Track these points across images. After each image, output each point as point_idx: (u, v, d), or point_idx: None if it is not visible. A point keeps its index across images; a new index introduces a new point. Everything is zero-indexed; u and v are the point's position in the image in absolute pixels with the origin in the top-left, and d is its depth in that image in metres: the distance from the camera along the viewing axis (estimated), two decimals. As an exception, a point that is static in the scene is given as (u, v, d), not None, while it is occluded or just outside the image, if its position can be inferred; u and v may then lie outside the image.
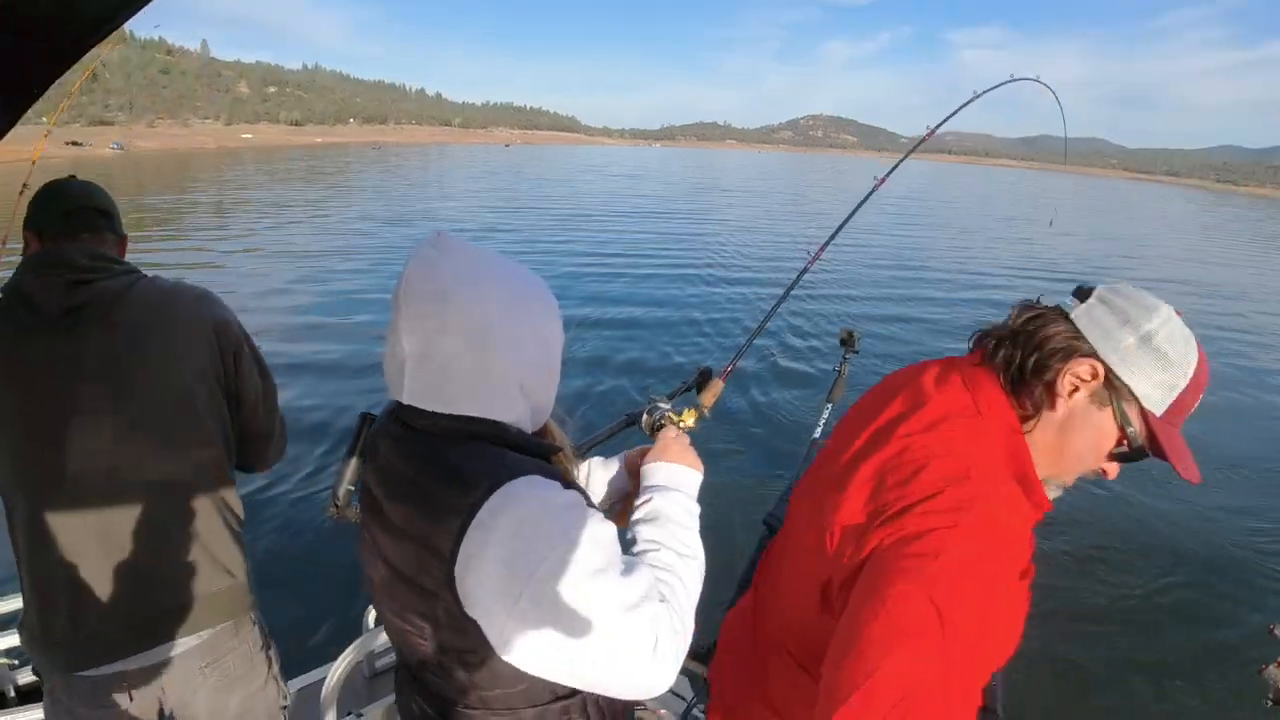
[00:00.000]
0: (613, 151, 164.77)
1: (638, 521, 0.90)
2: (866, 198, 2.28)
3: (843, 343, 2.17)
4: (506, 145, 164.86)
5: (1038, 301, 0.91)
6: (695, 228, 20.97)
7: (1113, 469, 0.88)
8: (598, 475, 1.14)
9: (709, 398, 1.23)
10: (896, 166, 2.32)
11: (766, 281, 12.63)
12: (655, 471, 0.96)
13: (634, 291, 11.44)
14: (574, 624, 0.74)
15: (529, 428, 0.87)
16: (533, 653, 0.75)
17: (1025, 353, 0.85)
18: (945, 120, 2.37)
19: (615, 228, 19.76)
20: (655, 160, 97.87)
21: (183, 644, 1.28)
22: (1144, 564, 4.46)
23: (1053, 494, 0.88)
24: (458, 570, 0.74)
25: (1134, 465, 0.87)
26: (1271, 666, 1.30)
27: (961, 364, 0.91)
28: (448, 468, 0.78)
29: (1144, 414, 0.82)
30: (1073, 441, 0.84)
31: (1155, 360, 0.81)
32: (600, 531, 0.78)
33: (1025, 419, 0.85)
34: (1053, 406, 0.84)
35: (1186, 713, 3.26)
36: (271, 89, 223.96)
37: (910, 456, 0.81)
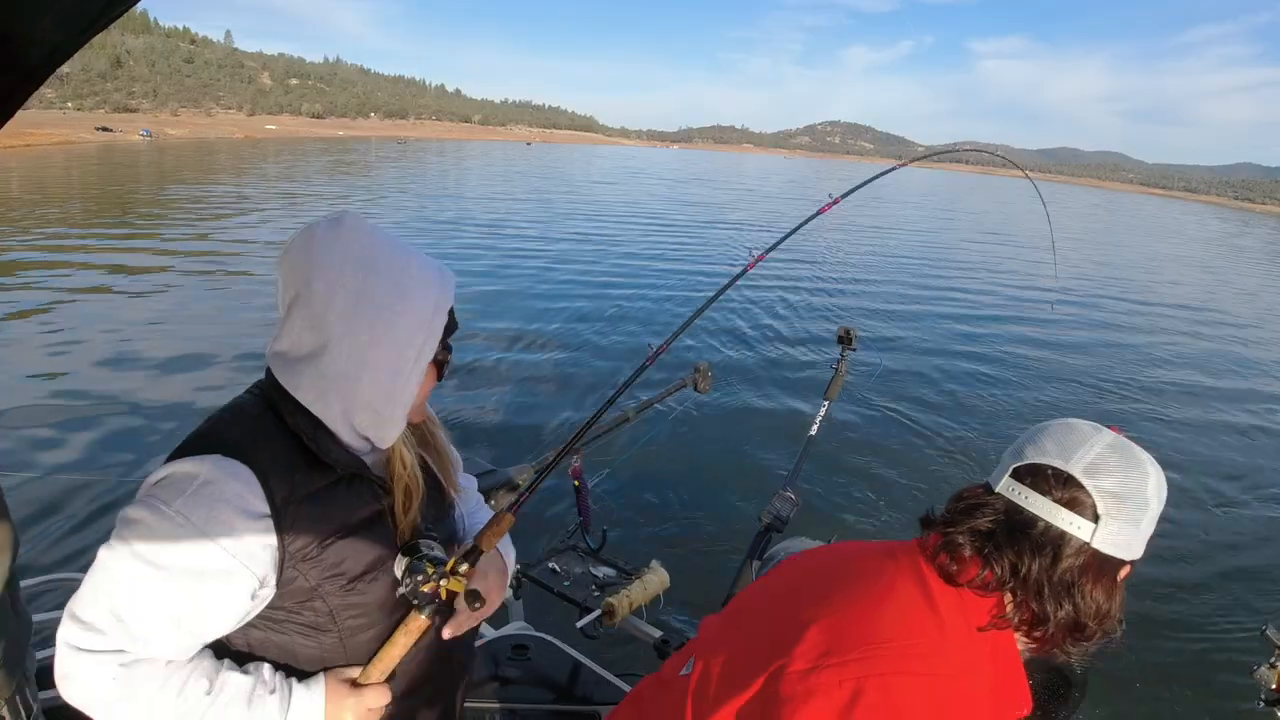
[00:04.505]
0: (634, 152, 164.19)
1: (258, 668, 0.82)
2: (808, 220, 1.91)
3: (841, 340, 2.11)
4: (529, 144, 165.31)
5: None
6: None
7: None
8: None
9: (490, 539, 0.89)
10: (853, 191, 2.04)
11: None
12: (314, 707, 0.82)
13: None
14: (93, 572, 0.75)
15: (342, 427, 0.82)
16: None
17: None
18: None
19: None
20: (681, 162, 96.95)
21: None
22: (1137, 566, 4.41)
23: None
24: None
25: None
26: (1263, 668, 1.29)
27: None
28: (220, 414, 0.83)
29: None
30: None
31: None
32: (199, 551, 0.73)
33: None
34: None
35: (1178, 714, 3.27)
36: (294, 81, 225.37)
37: None
